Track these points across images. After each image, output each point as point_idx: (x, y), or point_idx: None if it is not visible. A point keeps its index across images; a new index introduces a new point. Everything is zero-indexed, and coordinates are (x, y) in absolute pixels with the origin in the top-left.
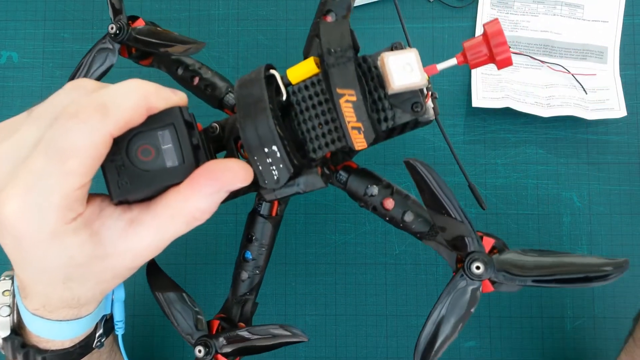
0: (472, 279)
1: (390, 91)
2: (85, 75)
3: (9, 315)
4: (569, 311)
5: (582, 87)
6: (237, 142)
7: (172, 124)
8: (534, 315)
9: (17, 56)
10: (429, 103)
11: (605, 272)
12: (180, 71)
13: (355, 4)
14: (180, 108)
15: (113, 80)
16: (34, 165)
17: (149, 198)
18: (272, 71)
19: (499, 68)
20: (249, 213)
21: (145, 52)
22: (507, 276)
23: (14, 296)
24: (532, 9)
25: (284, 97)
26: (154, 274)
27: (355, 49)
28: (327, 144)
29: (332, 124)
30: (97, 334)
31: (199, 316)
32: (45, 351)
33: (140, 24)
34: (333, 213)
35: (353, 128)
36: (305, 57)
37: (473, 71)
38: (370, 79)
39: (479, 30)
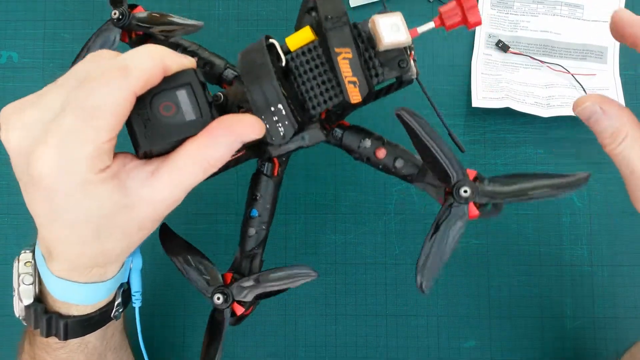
0: (460, 203)
1: (380, 47)
2: None
3: (32, 283)
4: (569, 311)
5: (582, 87)
6: (240, 109)
7: (189, 84)
8: (534, 315)
9: (17, 56)
10: (412, 62)
11: (569, 186)
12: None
13: (356, 4)
14: (194, 70)
15: None
16: (64, 124)
17: (169, 151)
18: (272, 40)
19: (469, 28)
20: (252, 175)
21: (145, 37)
22: (490, 196)
23: (35, 267)
24: (532, 9)
25: (284, 63)
26: (167, 236)
27: (349, 19)
28: (325, 101)
29: (328, 83)
30: (116, 303)
31: (213, 271)
32: (68, 317)
33: (139, 10)
34: (333, 213)
35: (350, 82)
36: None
37: (473, 71)
38: (361, 42)
39: (479, 30)
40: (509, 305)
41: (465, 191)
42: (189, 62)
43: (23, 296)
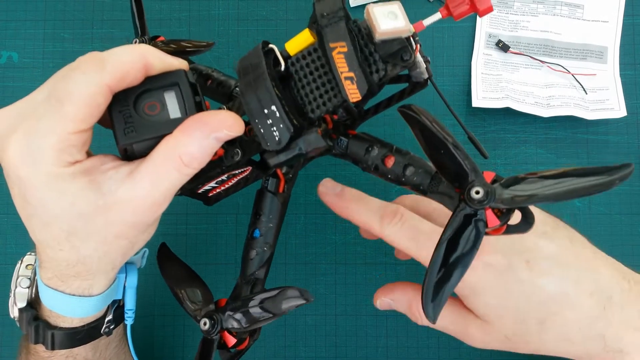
0: (473, 207)
1: (377, 37)
2: None
3: (28, 287)
4: None
5: (582, 87)
6: (247, 126)
7: (177, 84)
8: None
9: (17, 56)
10: (419, 57)
11: (609, 186)
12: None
13: (356, 4)
14: (184, 71)
15: None
16: (36, 111)
17: (151, 151)
18: (271, 45)
19: (480, 15)
20: (257, 191)
21: None
22: (509, 203)
23: (35, 272)
24: (532, 9)
25: (283, 68)
26: (164, 255)
27: (346, 15)
28: (324, 103)
29: (328, 84)
30: (107, 319)
31: (207, 295)
32: (55, 327)
33: (160, 40)
34: (333, 213)
35: (346, 78)
36: None
37: (473, 71)
38: (361, 38)
39: (479, 30)
40: None
41: (477, 192)
42: (178, 62)
43: (18, 299)
